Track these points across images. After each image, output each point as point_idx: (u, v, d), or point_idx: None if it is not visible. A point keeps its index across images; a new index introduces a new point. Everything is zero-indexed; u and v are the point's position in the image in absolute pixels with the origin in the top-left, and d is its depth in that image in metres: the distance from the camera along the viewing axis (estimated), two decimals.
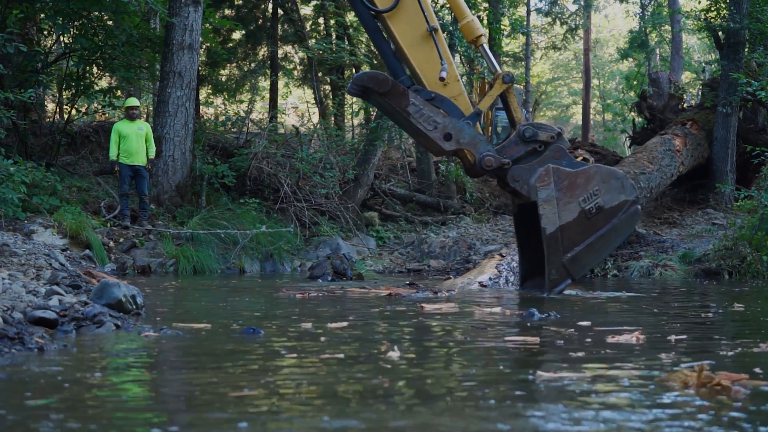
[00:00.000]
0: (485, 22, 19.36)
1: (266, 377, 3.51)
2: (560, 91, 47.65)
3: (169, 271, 11.83)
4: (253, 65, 25.77)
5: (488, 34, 20.36)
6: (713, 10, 17.79)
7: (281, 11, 23.25)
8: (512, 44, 34.76)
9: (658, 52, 34.92)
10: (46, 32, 16.39)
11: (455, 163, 18.32)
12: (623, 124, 31.23)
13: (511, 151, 8.31)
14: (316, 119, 23.48)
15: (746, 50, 16.94)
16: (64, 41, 15.59)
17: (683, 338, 4.87)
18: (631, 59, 34.61)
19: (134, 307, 5.80)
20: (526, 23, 28.18)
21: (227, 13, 23.53)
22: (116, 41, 14.86)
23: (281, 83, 26.82)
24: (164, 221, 13.27)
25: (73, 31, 14.61)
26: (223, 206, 14.05)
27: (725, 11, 17.13)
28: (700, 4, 19.20)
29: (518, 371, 3.73)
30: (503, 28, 23.48)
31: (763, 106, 17.23)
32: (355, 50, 19.96)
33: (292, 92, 30.72)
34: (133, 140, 12.69)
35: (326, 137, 17.87)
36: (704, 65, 23.99)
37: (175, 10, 14.15)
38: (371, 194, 17.82)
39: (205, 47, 19.63)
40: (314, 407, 2.91)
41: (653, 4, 32.80)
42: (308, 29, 24.11)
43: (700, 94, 19.72)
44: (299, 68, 26.36)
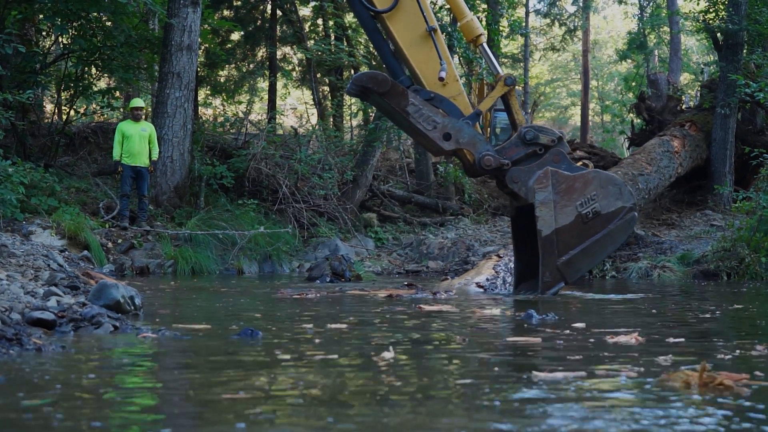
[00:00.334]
0: (484, 23, 19.36)
1: (263, 379, 3.51)
2: (559, 92, 47.67)
3: (167, 272, 11.83)
4: (251, 66, 25.78)
5: (487, 35, 20.38)
6: (712, 11, 17.82)
7: (280, 12, 23.26)
8: (511, 45, 34.77)
9: (656, 53, 34.96)
10: (44, 33, 16.38)
11: (454, 164, 18.33)
12: (622, 125, 31.27)
13: (511, 152, 8.32)
14: (314, 120, 23.49)
15: (745, 51, 16.96)
16: (62, 42, 15.57)
17: (681, 340, 4.86)
18: (629, 60, 34.63)
19: (132, 308, 5.80)
20: (524, 24, 28.23)
21: (226, 14, 23.53)
22: (115, 42, 14.85)
23: (280, 84, 26.82)
24: (163, 222, 13.27)
25: (71, 31, 14.60)
26: (221, 207, 14.05)
27: (723, 13, 17.16)
28: (698, 5, 19.21)
29: (517, 372, 3.73)
30: (502, 29, 23.50)
31: (761, 107, 17.24)
32: (353, 51, 19.97)
33: (290, 93, 30.74)
34: (136, 141, 12.71)
35: (325, 138, 17.88)
36: (703, 67, 24.01)
37: (173, 11, 14.15)
38: (370, 195, 17.83)
39: (203, 48, 19.63)
40: (311, 408, 2.91)
41: (652, 5, 32.83)
42: (307, 30, 24.11)
43: (698, 95, 19.73)
44: (298, 69, 26.37)
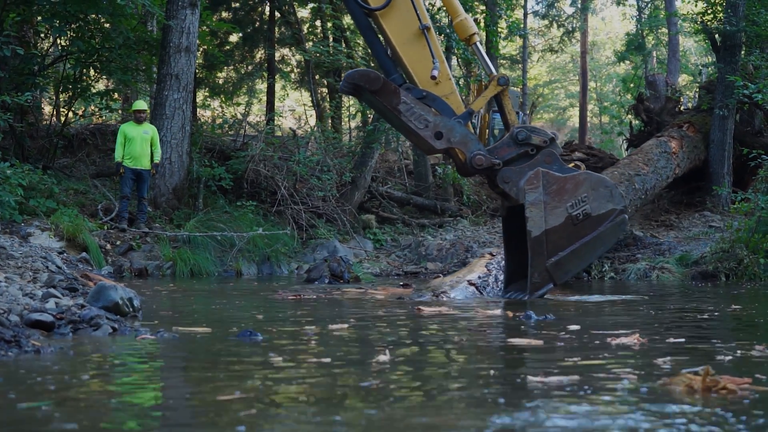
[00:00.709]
0: (482, 24, 19.38)
1: (261, 381, 3.50)
2: (557, 93, 47.71)
3: (166, 273, 11.82)
4: (250, 68, 25.80)
5: (485, 36, 20.40)
6: (710, 13, 17.84)
7: (278, 14, 23.27)
8: (509, 47, 34.80)
9: (654, 54, 35.02)
10: (42, 35, 16.37)
11: (452, 165, 18.33)
12: (620, 126, 31.28)
13: (502, 152, 8.32)
14: (313, 122, 23.50)
15: (743, 53, 16.97)
16: (60, 44, 15.56)
17: (681, 341, 4.86)
18: (628, 62, 34.67)
19: (131, 309, 5.79)
20: (523, 26, 28.25)
21: (224, 15, 23.55)
22: (113, 44, 14.84)
23: (278, 86, 26.84)
24: (161, 224, 13.26)
25: (70, 33, 14.58)
26: (220, 209, 14.05)
27: (721, 14, 17.18)
28: (696, 7, 19.23)
29: (517, 374, 3.73)
30: (500, 30, 23.51)
31: (759, 108, 17.25)
32: (352, 53, 19.96)
33: (289, 95, 30.77)
34: (138, 144, 12.70)
35: (323, 140, 17.88)
36: (701, 68, 24.01)
37: (172, 12, 14.15)
38: (368, 197, 17.83)
39: (202, 50, 19.63)
40: (308, 410, 2.91)
41: (650, 6, 32.88)
42: (305, 32, 24.12)
43: (696, 96, 19.75)
44: (296, 71, 26.39)
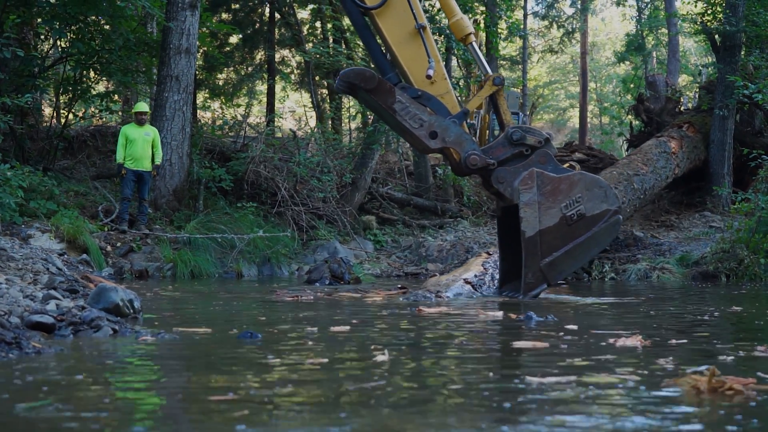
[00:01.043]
0: (482, 25, 19.38)
1: (260, 382, 3.50)
2: (557, 94, 47.73)
3: (166, 275, 11.82)
4: (250, 69, 25.82)
5: (485, 37, 20.39)
6: (709, 13, 17.84)
7: (278, 15, 23.28)
8: (509, 48, 34.81)
9: (654, 55, 35.03)
10: (43, 37, 16.38)
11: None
12: (620, 127, 31.31)
13: (497, 152, 8.33)
14: (313, 123, 23.51)
15: (743, 53, 16.98)
16: (61, 46, 15.57)
17: (683, 342, 4.86)
18: (627, 62, 34.68)
19: (131, 311, 5.79)
20: (523, 27, 28.25)
21: (224, 17, 23.56)
22: (113, 45, 14.85)
23: (278, 87, 26.84)
24: (162, 225, 13.26)
25: (70, 35, 14.59)
26: (220, 210, 14.05)
27: (721, 15, 17.18)
28: (696, 7, 19.24)
29: (520, 375, 3.72)
30: (500, 31, 23.51)
31: (759, 108, 17.25)
32: (352, 54, 19.97)
33: (289, 96, 30.76)
34: (139, 145, 12.71)
35: (323, 141, 17.88)
36: (701, 68, 24.01)
37: (172, 14, 14.15)
38: (369, 198, 17.83)
39: (202, 51, 19.64)
40: (303, 411, 2.91)
41: (650, 7, 32.89)
42: (305, 33, 24.14)
43: (696, 97, 19.75)
44: (296, 72, 26.40)
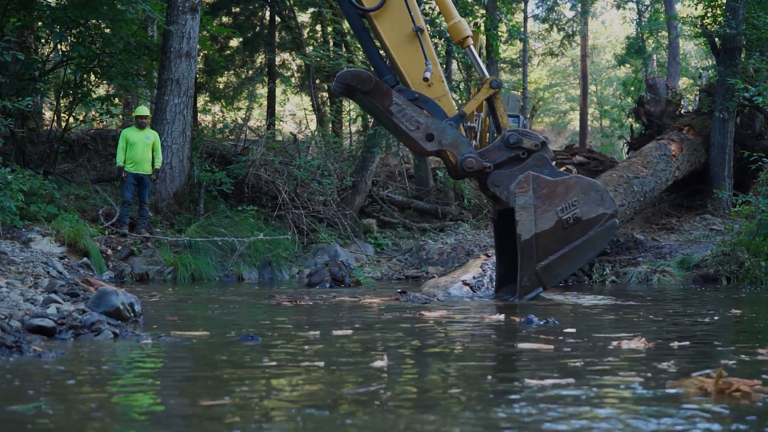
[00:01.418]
0: (482, 28, 19.39)
1: (260, 385, 3.50)
2: (558, 97, 47.74)
3: (167, 278, 11.81)
4: (250, 72, 25.83)
5: (485, 40, 20.39)
6: (709, 16, 17.84)
7: (278, 19, 23.30)
8: (509, 51, 34.83)
9: (655, 58, 35.04)
10: (43, 40, 16.38)
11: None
12: (621, 130, 31.30)
13: (493, 155, 8.33)
14: (313, 126, 23.52)
15: (743, 56, 16.98)
16: (61, 49, 15.59)
17: (686, 343, 4.85)
18: (628, 65, 34.69)
19: (132, 314, 5.79)
20: (523, 30, 28.25)
21: (225, 20, 23.59)
22: (114, 49, 14.86)
23: (279, 90, 26.86)
24: (162, 229, 13.25)
25: (70, 39, 14.61)
26: (221, 213, 14.04)
27: (721, 17, 17.19)
28: (696, 10, 19.25)
29: (522, 378, 3.72)
30: (500, 34, 23.52)
31: (760, 111, 17.26)
32: (352, 57, 19.97)
33: (289, 99, 30.80)
34: (139, 149, 12.71)
35: (324, 144, 17.88)
36: (701, 71, 24.04)
37: (172, 17, 14.16)
38: (369, 201, 17.83)
39: (202, 55, 19.65)
40: (299, 416, 2.91)
41: (650, 10, 32.91)
42: (305, 36, 24.15)
43: (697, 99, 19.76)
44: (297, 75, 26.41)
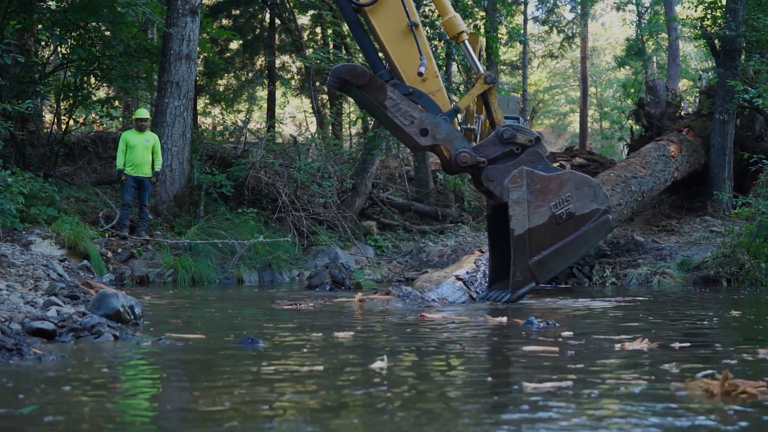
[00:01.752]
0: (482, 30, 19.40)
1: (258, 389, 3.50)
2: (557, 99, 47.73)
3: (167, 281, 11.81)
4: (250, 75, 25.83)
5: (486, 42, 20.40)
6: (709, 18, 17.84)
7: (278, 21, 23.31)
8: (509, 53, 34.84)
9: (654, 59, 35.01)
10: (43, 43, 16.40)
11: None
12: (621, 131, 31.30)
13: (487, 150, 8.34)
14: (313, 128, 23.51)
15: (743, 58, 16.98)
16: (61, 52, 15.59)
17: (686, 346, 4.85)
18: (628, 67, 34.68)
19: (132, 317, 5.79)
20: (523, 32, 28.26)
21: (225, 23, 23.59)
22: (114, 51, 14.87)
23: (279, 93, 26.87)
24: (162, 231, 13.25)
25: (70, 41, 14.61)
26: (221, 216, 14.04)
27: (721, 19, 17.19)
28: (696, 12, 19.25)
29: (524, 380, 3.72)
30: (500, 36, 23.53)
31: (760, 113, 17.26)
32: (352, 59, 19.98)
33: (289, 102, 30.80)
34: (139, 151, 12.70)
35: (324, 146, 17.88)
36: (701, 73, 24.04)
37: (172, 20, 14.17)
38: (369, 203, 17.82)
39: (202, 57, 19.65)
40: (295, 419, 2.90)
41: (650, 12, 32.92)
42: (305, 39, 24.16)
43: (697, 101, 19.76)
44: (297, 78, 26.41)
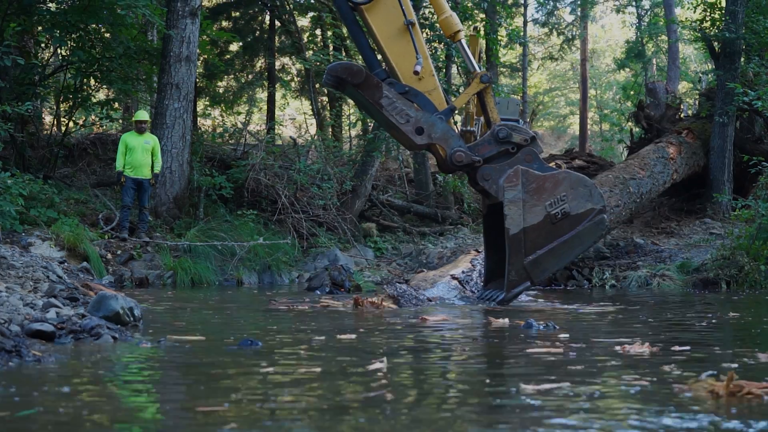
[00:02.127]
0: (482, 32, 19.41)
1: (256, 391, 3.50)
2: (557, 101, 47.72)
3: (166, 283, 11.81)
4: (250, 77, 25.82)
5: (485, 45, 20.41)
6: (708, 20, 17.84)
7: (278, 23, 23.31)
8: (509, 55, 34.84)
9: (654, 62, 35.01)
10: (43, 45, 16.39)
11: (453, 174, 18.32)
12: (620, 134, 31.28)
13: (483, 149, 8.35)
14: (313, 130, 23.51)
15: (742, 60, 16.98)
16: (61, 54, 15.59)
17: (686, 349, 4.84)
18: (628, 69, 34.69)
19: (132, 319, 5.79)
20: (523, 34, 28.28)
21: (224, 25, 23.58)
22: (114, 53, 14.87)
23: (278, 95, 26.86)
24: (162, 233, 13.25)
25: (70, 43, 14.61)
26: (220, 218, 14.04)
27: (720, 22, 17.19)
28: (695, 14, 19.25)
29: (525, 382, 3.72)
30: (500, 38, 23.53)
31: (759, 115, 17.25)
32: (352, 62, 19.97)
33: (289, 104, 30.78)
34: (138, 153, 12.70)
35: (324, 148, 17.88)
36: (701, 75, 24.04)
37: (172, 22, 14.17)
38: (369, 205, 17.82)
39: (202, 59, 19.66)
40: (292, 422, 2.90)
41: (649, 14, 32.93)
42: (305, 41, 24.16)
43: (696, 104, 19.75)
44: (296, 80, 26.41)
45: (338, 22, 21.24)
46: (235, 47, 24.68)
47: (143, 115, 13.30)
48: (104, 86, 17.14)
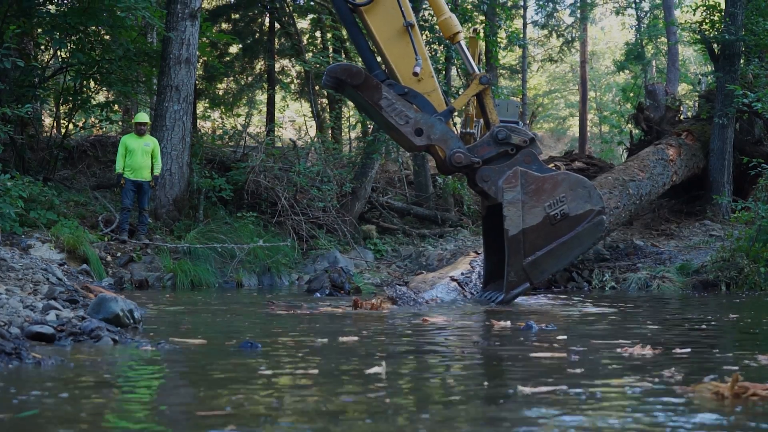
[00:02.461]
0: (482, 35, 19.42)
1: (256, 394, 3.49)
2: (557, 103, 47.73)
3: (166, 285, 11.80)
4: (250, 79, 25.83)
5: (485, 46, 20.42)
6: (708, 22, 17.85)
7: (278, 25, 23.33)
8: (509, 57, 34.84)
9: (654, 64, 35.05)
10: (43, 47, 16.40)
11: (453, 176, 18.32)
12: (620, 136, 31.28)
13: (482, 150, 8.36)
14: (313, 133, 23.50)
15: (742, 62, 16.98)
16: (61, 56, 15.59)
17: (687, 351, 4.84)
18: (627, 71, 34.71)
19: (132, 321, 5.78)
20: (522, 36, 28.30)
21: (224, 27, 23.59)
22: (113, 56, 14.86)
23: (278, 97, 26.86)
24: (162, 235, 13.24)
25: (70, 45, 14.61)
26: (220, 220, 14.04)
27: (719, 24, 17.20)
28: (695, 16, 19.26)
29: (521, 385, 3.71)
30: (500, 40, 23.55)
31: (759, 117, 17.25)
32: (352, 64, 19.98)
33: (289, 106, 30.76)
34: (138, 155, 12.70)
35: (323, 150, 17.88)
36: (700, 77, 24.04)
37: (172, 24, 14.17)
38: (369, 207, 17.82)
39: (202, 61, 19.66)
40: (290, 425, 2.90)
41: (649, 16, 32.97)
42: (305, 43, 24.18)
43: (696, 105, 19.75)
44: (296, 82, 26.42)
45: (338, 24, 21.24)
46: (234, 49, 24.69)
47: (143, 117, 13.29)
48: (104, 88, 17.15)
